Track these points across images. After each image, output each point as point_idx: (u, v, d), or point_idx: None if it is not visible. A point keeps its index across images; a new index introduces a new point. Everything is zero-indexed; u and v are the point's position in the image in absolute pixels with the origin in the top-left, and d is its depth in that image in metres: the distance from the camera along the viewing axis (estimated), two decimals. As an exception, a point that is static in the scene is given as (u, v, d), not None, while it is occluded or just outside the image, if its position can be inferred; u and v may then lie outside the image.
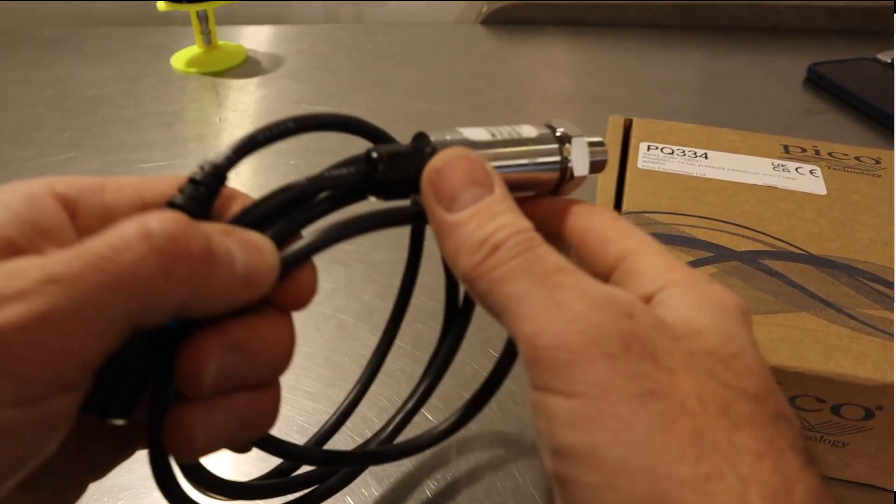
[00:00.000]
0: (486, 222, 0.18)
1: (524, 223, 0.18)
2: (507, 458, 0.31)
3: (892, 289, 0.30)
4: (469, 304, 0.27)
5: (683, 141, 0.40)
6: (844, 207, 0.34)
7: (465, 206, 0.18)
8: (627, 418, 0.15)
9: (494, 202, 0.18)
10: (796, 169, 0.37)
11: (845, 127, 0.57)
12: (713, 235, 0.32)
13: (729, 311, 0.18)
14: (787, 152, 0.39)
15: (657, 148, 0.39)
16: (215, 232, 0.17)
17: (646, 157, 0.38)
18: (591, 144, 0.22)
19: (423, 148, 0.20)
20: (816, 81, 0.64)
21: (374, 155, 0.20)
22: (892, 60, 0.65)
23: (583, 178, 0.22)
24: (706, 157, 0.38)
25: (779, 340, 0.27)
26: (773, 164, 0.38)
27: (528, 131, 0.22)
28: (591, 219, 0.20)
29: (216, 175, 0.18)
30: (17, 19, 0.82)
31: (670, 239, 0.32)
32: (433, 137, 0.20)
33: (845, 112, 0.60)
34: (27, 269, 0.14)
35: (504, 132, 0.21)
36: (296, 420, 0.33)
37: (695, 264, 0.31)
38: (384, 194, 0.20)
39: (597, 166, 0.22)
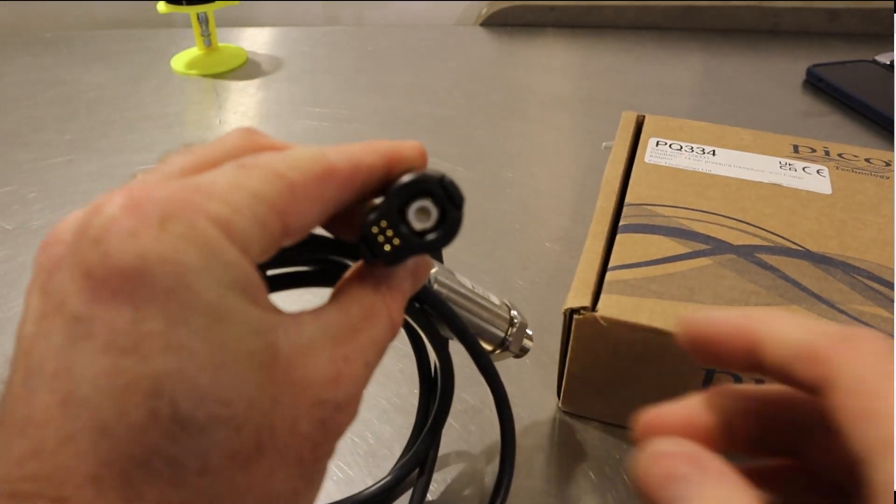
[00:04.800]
0: None
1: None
2: (506, 460, 0.31)
3: (888, 287, 0.30)
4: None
5: (693, 138, 0.40)
6: (848, 207, 0.34)
7: None
8: None
9: None
10: (803, 168, 0.37)
11: (844, 129, 0.58)
12: (712, 229, 0.33)
13: None
14: (796, 152, 0.39)
15: (666, 144, 0.39)
16: None
17: (653, 152, 0.39)
18: (527, 336, 0.28)
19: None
20: (815, 84, 0.64)
21: None
22: (892, 62, 0.65)
23: (507, 356, 0.28)
24: (714, 155, 0.38)
25: None
26: (780, 162, 0.38)
27: (494, 299, 0.27)
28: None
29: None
30: (17, 21, 0.82)
31: (669, 231, 0.32)
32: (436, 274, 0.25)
33: (844, 114, 0.60)
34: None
35: (480, 290, 0.26)
36: (295, 421, 0.33)
37: (691, 256, 0.31)
38: None
39: (522, 353, 0.28)
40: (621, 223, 0.33)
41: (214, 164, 0.17)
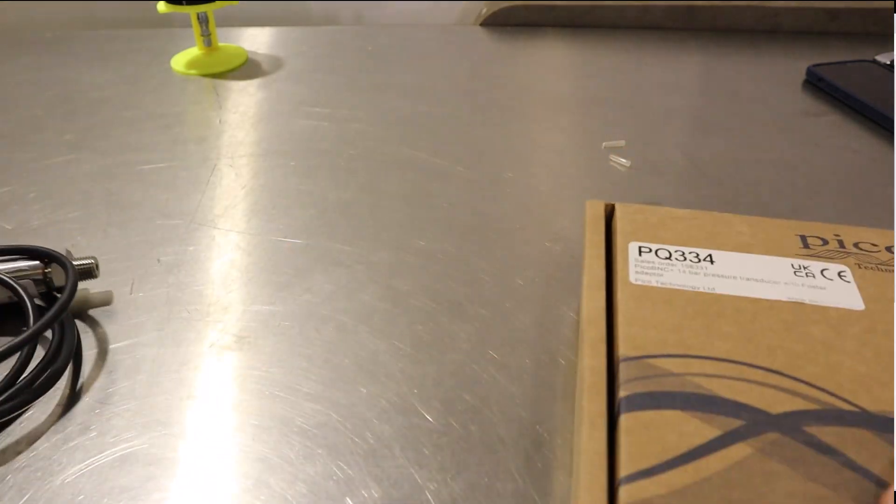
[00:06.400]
0: None
1: None
2: (506, 460, 0.31)
3: None
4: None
5: (681, 238, 0.32)
6: (889, 329, 0.28)
7: None
8: None
9: None
10: (822, 272, 0.31)
11: (844, 129, 0.58)
12: (739, 389, 0.25)
13: None
14: (806, 246, 0.32)
15: (650, 251, 0.32)
16: None
17: (639, 265, 0.31)
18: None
19: None
20: (815, 83, 0.64)
21: None
22: (892, 62, 0.65)
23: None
24: (711, 262, 0.31)
25: None
26: (793, 266, 0.31)
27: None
28: None
29: None
30: (18, 21, 0.82)
31: (686, 400, 0.25)
32: None
33: (844, 114, 0.60)
34: None
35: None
36: (295, 421, 0.33)
37: (724, 442, 0.24)
38: None
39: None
40: (621, 395, 0.25)
41: None
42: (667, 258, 0.31)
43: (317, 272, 0.42)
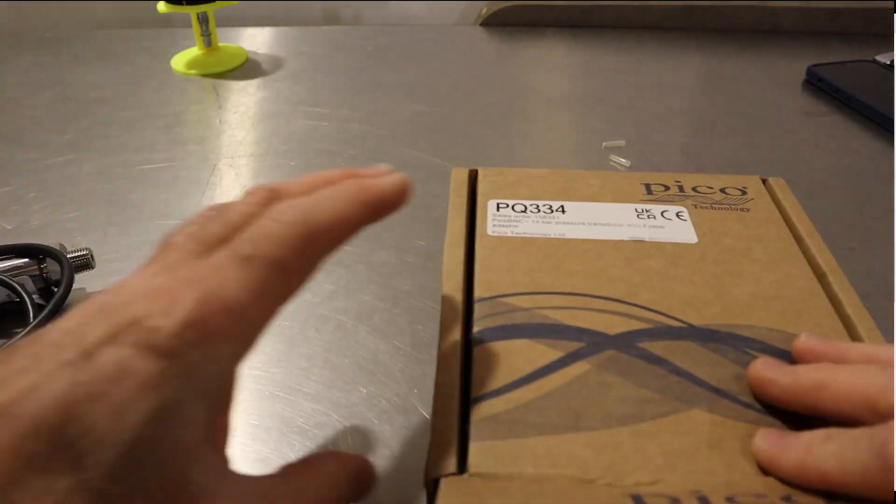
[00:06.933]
0: None
1: None
2: (506, 460, 0.31)
3: (785, 357, 0.25)
4: None
5: (536, 193, 0.35)
6: (718, 257, 0.30)
7: None
8: None
9: None
10: (662, 213, 0.33)
11: (844, 129, 0.58)
12: (581, 317, 0.27)
13: None
14: (649, 193, 0.35)
15: (507, 206, 0.34)
16: None
17: (496, 219, 0.33)
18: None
19: None
20: (815, 83, 0.64)
21: None
22: (892, 62, 0.65)
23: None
24: (563, 212, 0.33)
25: (674, 455, 0.22)
26: (636, 210, 0.33)
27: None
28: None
29: None
30: (17, 21, 0.82)
31: (533, 330, 0.27)
32: None
33: (844, 114, 0.60)
34: None
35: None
36: (295, 421, 0.33)
37: (566, 362, 0.25)
38: None
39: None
40: (475, 330, 0.27)
41: (235, 231, 0.22)
42: (522, 211, 0.33)
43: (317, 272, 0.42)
